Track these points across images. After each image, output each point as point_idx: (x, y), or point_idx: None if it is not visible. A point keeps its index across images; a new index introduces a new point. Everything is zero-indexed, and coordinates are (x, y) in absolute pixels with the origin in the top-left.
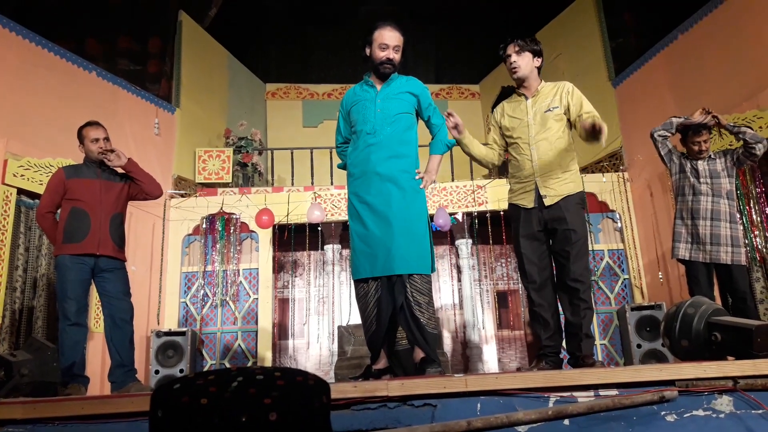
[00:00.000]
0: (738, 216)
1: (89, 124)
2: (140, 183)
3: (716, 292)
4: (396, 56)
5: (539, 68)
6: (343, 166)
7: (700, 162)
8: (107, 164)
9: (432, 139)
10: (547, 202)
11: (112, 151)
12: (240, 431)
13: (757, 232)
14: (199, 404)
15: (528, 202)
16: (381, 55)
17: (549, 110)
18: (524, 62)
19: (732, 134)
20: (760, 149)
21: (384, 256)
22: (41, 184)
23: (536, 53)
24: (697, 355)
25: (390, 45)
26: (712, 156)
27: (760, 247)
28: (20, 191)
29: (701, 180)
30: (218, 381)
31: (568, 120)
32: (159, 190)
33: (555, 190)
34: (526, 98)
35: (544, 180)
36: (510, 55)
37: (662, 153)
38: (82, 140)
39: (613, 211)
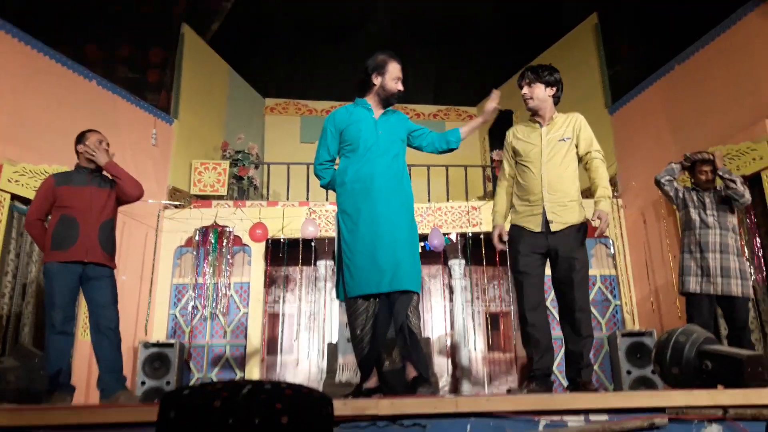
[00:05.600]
0: (742, 249)
1: (95, 131)
2: (119, 180)
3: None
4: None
5: (556, 96)
6: (326, 185)
7: (706, 193)
8: (91, 159)
9: (438, 137)
10: (554, 227)
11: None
12: None
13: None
14: (213, 406)
15: (535, 225)
16: (395, 87)
17: (563, 140)
18: (536, 93)
19: (721, 179)
20: (737, 205)
21: (392, 271)
22: (35, 190)
23: (549, 84)
24: (687, 383)
25: (401, 78)
26: (719, 188)
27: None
28: (14, 197)
29: (707, 212)
30: (228, 388)
31: (577, 153)
32: (138, 190)
33: (562, 217)
34: (541, 125)
35: (551, 205)
36: (521, 87)
37: (671, 194)
38: (84, 141)
39: (606, 237)
